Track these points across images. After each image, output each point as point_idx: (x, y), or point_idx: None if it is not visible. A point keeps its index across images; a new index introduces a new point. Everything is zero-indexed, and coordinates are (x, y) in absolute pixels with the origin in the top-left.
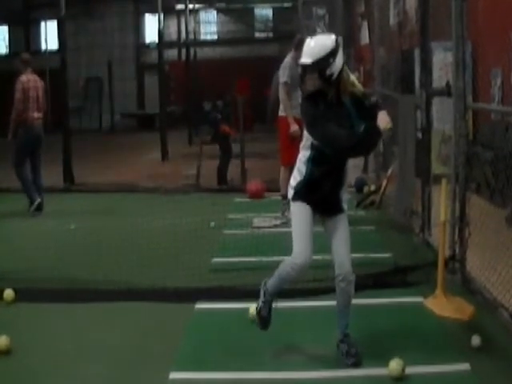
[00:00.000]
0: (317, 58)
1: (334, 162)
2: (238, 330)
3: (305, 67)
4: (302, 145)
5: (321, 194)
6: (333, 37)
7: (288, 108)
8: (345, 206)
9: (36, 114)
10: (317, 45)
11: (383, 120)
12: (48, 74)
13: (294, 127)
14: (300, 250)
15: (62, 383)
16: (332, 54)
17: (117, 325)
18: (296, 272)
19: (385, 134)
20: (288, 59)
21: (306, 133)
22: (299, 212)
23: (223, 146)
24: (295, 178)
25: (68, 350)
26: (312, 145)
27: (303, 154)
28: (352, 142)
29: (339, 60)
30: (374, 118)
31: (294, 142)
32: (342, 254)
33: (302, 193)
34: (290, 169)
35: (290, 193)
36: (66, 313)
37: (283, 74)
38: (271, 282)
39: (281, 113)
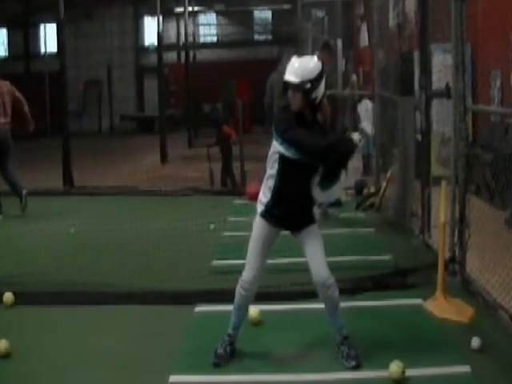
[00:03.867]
0: (304, 79)
1: (301, 177)
2: (238, 332)
3: (289, 84)
4: (268, 160)
5: (289, 211)
6: (317, 60)
7: None
8: (316, 216)
9: (2, 120)
10: (302, 65)
11: (354, 136)
12: (47, 77)
13: None
14: (248, 268)
15: None
16: (319, 77)
17: (116, 328)
18: (244, 289)
19: (355, 146)
20: None
21: (273, 145)
22: (259, 231)
23: (224, 148)
24: (265, 194)
25: (68, 354)
26: (280, 158)
27: (271, 169)
28: (326, 144)
29: (323, 85)
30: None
31: None
32: (317, 264)
33: (271, 210)
34: None
35: (260, 208)
36: (66, 316)
37: None
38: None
39: None
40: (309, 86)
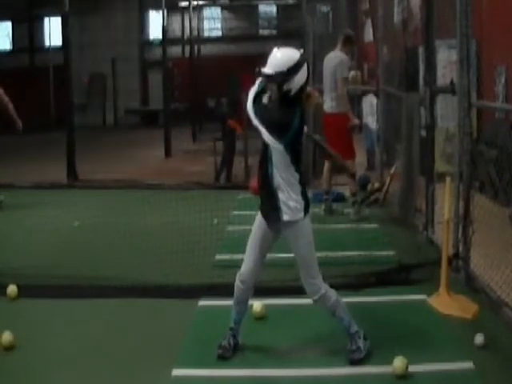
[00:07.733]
0: (276, 71)
1: (262, 158)
2: (242, 326)
3: (266, 76)
4: None
5: (261, 196)
6: (300, 52)
7: (347, 103)
8: (286, 216)
9: None
10: (281, 57)
11: None
12: (52, 70)
13: (356, 120)
14: (244, 260)
15: (64, 379)
16: (293, 69)
17: (120, 321)
18: (240, 282)
19: None
20: (342, 55)
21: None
22: (256, 223)
23: (227, 142)
24: None
25: (71, 346)
26: None
27: None
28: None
29: (301, 77)
30: None
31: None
32: (301, 276)
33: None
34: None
35: None
36: (69, 309)
37: (341, 70)
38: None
39: (334, 109)
40: (290, 76)
